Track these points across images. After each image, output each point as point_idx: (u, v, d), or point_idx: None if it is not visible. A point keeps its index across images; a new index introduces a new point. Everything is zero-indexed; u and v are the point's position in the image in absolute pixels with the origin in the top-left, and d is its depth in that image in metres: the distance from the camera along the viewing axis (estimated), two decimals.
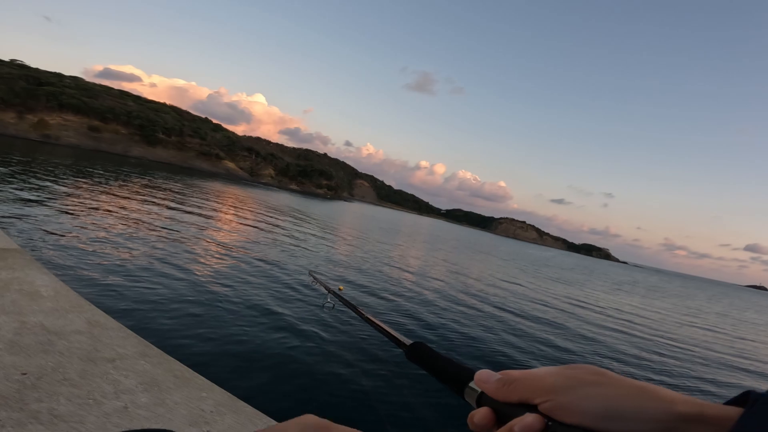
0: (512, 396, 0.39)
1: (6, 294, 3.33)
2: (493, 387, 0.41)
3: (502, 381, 0.40)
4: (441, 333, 8.04)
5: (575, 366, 0.38)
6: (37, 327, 2.91)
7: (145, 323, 5.30)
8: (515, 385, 0.39)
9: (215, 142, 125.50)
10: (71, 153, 52.53)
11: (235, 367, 4.70)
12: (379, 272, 13.50)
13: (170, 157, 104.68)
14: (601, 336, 11.37)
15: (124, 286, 6.49)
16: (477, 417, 0.39)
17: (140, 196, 19.80)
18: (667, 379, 8.58)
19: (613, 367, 8.45)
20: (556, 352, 8.65)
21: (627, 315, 17.33)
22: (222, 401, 2.20)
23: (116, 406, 2.07)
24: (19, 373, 2.27)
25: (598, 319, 14.20)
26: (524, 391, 0.38)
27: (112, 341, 2.88)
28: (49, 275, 4.12)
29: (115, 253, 8.32)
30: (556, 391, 0.35)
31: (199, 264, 9.07)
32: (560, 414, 0.34)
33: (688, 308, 28.52)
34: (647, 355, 10.34)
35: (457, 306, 10.89)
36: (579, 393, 0.35)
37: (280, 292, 8.23)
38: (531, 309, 13.13)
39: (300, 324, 6.60)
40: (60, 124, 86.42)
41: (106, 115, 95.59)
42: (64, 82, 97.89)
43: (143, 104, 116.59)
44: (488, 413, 0.39)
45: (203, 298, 6.82)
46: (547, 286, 21.64)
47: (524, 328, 10.04)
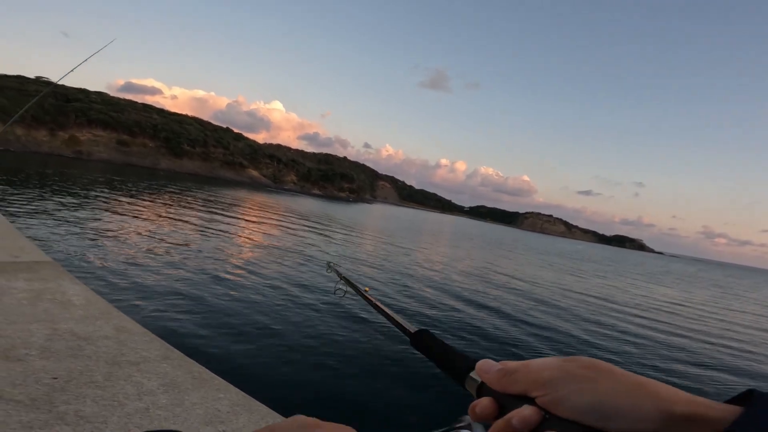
0: (511, 387, 0.39)
1: (39, 303, 3.52)
2: (494, 377, 0.41)
3: (503, 372, 0.40)
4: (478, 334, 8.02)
5: (573, 359, 0.37)
6: (68, 333, 3.06)
7: (170, 326, 5.49)
8: (514, 376, 0.39)
9: (238, 151, 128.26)
10: (103, 168, 54.73)
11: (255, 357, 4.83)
12: (404, 271, 13.52)
13: (196, 168, 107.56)
14: (646, 333, 11.06)
15: (153, 292, 6.73)
16: (479, 407, 0.40)
17: (171, 207, 20.46)
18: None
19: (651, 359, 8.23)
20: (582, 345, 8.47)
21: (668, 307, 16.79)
22: (237, 401, 2.28)
23: (138, 407, 2.16)
24: (50, 377, 2.40)
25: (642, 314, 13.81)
26: (522, 383, 0.38)
27: (136, 345, 3.00)
28: (80, 285, 4.32)
29: (147, 262, 8.63)
30: (552, 385, 0.35)
31: (230, 269, 9.31)
32: (556, 408, 0.34)
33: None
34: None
35: (480, 301, 10.80)
36: (573, 388, 0.34)
37: (305, 288, 8.36)
38: (554, 301, 12.89)
39: (315, 313, 6.80)
40: (90, 139, 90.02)
41: (133, 129, 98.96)
42: (90, 97, 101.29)
43: (167, 117, 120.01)
44: (490, 403, 0.39)
45: (223, 292, 7.00)
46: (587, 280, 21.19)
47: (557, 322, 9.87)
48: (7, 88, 78.25)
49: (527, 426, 0.35)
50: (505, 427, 0.36)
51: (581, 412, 0.33)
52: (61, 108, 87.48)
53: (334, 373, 5.06)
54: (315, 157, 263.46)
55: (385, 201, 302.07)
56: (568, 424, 0.33)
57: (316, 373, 4.99)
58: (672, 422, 0.31)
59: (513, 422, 0.35)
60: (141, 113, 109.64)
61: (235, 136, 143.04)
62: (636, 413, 0.31)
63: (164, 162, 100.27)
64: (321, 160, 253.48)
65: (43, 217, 11.85)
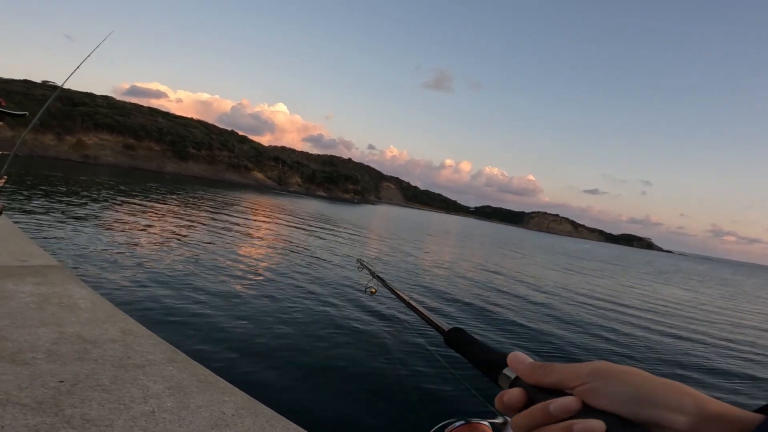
0: (547, 379, 0.39)
1: (46, 307, 3.54)
2: (528, 368, 0.41)
3: (538, 363, 0.41)
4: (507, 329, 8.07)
5: (605, 362, 0.38)
6: (74, 337, 3.07)
7: (177, 329, 5.49)
8: (550, 368, 0.39)
9: (243, 154, 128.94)
10: (110, 172, 55.12)
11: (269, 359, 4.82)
12: (420, 270, 13.49)
13: (202, 170, 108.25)
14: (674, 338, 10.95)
15: (161, 294, 6.75)
16: (507, 396, 0.40)
17: (180, 211, 20.56)
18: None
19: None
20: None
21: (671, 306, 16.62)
22: (243, 404, 2.27)
23: (144, 410, 2.16)
24: (56, 381, 2.41)
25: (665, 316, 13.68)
26: (560, 374, 0.38)
27: (142, 348, 3.01)
28: (87, 289, 4.35)
29: (154, 265, 8.67)
30: (593, 377, 0.36)
31: (239, 269, 9.33)
32: (594, 398, 0.35)
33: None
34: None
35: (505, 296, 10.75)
36: (614, 379, 0.36)
37: (322, 286, 8.36)
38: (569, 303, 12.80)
39: (344, 312, 6.91)
40: (97, 143, 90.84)
41: (138, 132, 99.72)
42: (96, 101, 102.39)
43: (172, 120, 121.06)
44: (520, 393, 0.40)
45: (232, 295, 7.01)
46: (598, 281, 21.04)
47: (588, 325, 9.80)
48: (15, 92, 79.15)
49: (566, 413, 0.35)
50: (541, 413, 0.36)
51: (620, 402, 0.34)
52: (68, 112, 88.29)
53: (361, 365, 5.05)
54: (319, 158, 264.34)
55: (389, 202, 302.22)
56: (604, 414, 0.34)
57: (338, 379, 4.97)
58: (705, 419, 0.32)
59: (551, 408, 0.36)
60: (146, 117, 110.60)
61: (239, 138, 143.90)
62: (673, 403, 0.33)
63: (170, 165, 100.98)
64: (325, 161, 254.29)
65: (51, 221, 11.94)
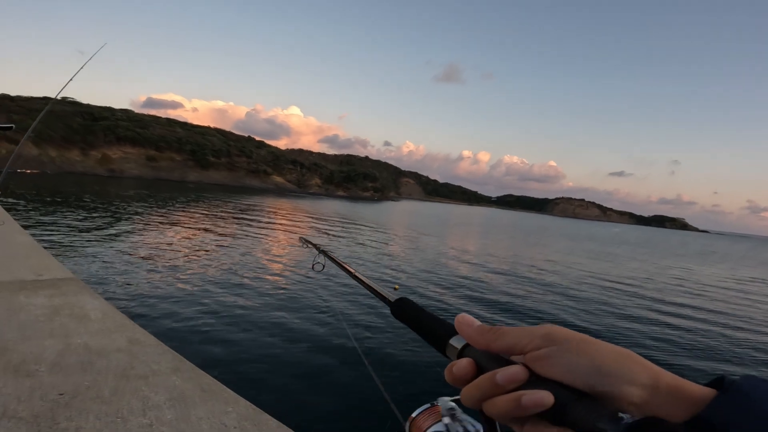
0: (497, 343, 0.37)
1: (55, 318, 3.49)
2: (476, 332, 0.38)
3: (487, 327, 0.38)
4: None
5: (555, 326, 0.36)
6: (81, 348, 2.99)
7: (186, 336, 5.45)
8: (501, 331, 0.37)
9: (261, 159, 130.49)
10: (136, 184, 56.64)
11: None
12: (439, 267, 13.27)
13: (223, 178, 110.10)
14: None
15: (175, 303, 6.74)
16: (456, 367, 0.37)
17: (206, 218, 20.87)
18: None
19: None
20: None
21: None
22: (246, 415, 2.12)
23: (141, 422, 2.04)
24: (56, 393, 2.31)
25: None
26: (512, 337, 0.36)
27: (148, 357, 2.90)
28: (99, 300, 4.30)
29: (176, 275, 8.72)
30: (546, 340, 0.34)
31: (260, 275, 9.31)
32: (545, 367, 0.33)
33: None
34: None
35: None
36: (567, 347, 0.33)
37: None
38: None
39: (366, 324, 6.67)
40: (121, 157, 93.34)
41: (159, 144, 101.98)
42: (116, 115, 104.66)
43: (190, 129, 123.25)
44: (469, 363, 0.37)
45: (236, 298, 6.95)
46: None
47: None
48: (36, 110, 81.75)
49: (512, 383, 0.33)
50: (488, 384, 0.34)
51: (571, 372, 0.32)
52: (89, 127, 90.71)
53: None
54: (336, 159, 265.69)
55: (410, 197, 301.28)
56: (554, 384, 0.32)
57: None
58: (658, 391, 0.31)
59: (497, 378, 0.33)
60: (165, 128, 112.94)
61: (257, 144, 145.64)
62: (627, 375, 0.31)
63: (192, 174, 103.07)
64: (342, 161, 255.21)
65: (74, 233, 12.21)
